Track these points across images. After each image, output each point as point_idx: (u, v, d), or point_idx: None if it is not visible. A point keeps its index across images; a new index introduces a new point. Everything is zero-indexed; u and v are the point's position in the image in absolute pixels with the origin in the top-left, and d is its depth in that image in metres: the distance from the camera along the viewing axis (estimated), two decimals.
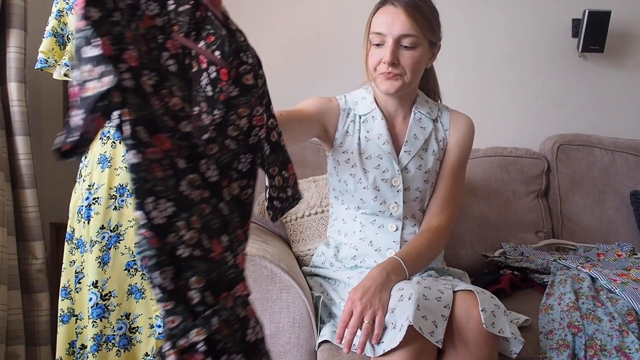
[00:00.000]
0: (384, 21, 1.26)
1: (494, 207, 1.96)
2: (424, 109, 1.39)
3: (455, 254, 1.85)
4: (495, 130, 2.34)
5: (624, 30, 2.38)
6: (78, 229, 1.35)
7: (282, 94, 2.28)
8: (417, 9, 1.26)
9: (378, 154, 1.34)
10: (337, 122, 1.37)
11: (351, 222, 1.38)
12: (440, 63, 2.44)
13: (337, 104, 1.38)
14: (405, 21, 1.24)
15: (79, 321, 1.34)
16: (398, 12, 1.25)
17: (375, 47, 1.29)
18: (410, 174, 1.34)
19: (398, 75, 1.27)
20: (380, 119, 1.35)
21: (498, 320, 1.07)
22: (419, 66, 1.29)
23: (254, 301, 1.23)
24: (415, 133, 1.36)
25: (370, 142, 1.35)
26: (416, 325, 1.02)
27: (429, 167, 1.36)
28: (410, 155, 1.35)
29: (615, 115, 2.39)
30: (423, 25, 1.26)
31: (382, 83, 1.29)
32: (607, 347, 1.20)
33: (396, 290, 1.13)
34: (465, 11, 2.33)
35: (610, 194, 1.99)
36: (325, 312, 1.29)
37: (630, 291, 1.33)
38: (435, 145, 1.38)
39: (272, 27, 2.28)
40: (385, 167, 1.33)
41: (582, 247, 1.86)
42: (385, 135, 1.34)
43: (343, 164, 1.36)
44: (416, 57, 1.27)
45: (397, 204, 1.33)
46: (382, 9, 1.29)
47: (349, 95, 1.41)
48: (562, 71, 2.37)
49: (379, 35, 1.27)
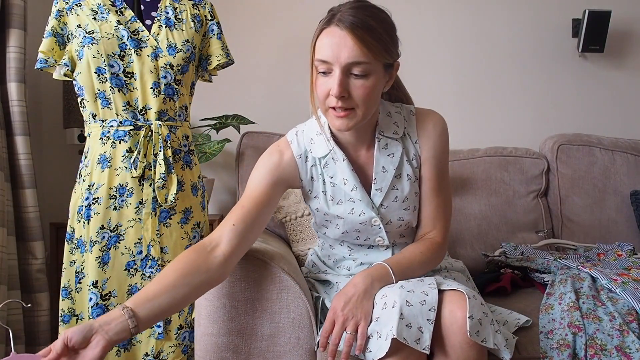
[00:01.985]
0: (328, 46, 1.07)
1: (494, 207, 1.96)
2: (388, 131, 1.22)
3: (455, 254, 1.85)
4: (495, 130, 2.35)
5: (624, 30, 2.38)
6: (78, 229, 1.35)
7: (281, 94, 2.29)
8: (366, 29, 1.06)
9: (349, 198, 1.21)
10: (298, 174, 1.22)
11: (338, 246, 1.33)
12: (440, 63, 2.44)
13: (291, 155, 1.22)
14: (353, 47, 1.05)
15: (80, 321, 1.34)
16: (344, 36, 1.05)
17: (321, 75, 1.09)
18: (388, 209, 1.22)
19: (350, 110, 1.09)
20: (341, 160, 1.20)
21: (483, 330, 1.04)
22: (374, 95, 1.10)
23: (253, 301, 1.23)
24: (384, 165, 1.21)
25: (336, 188, 1.22)
26: (400, 337, 0.99)
27: (406, 193, 1.23)
28: (383, 192, 1.21)
29: (615, 115, 2.39)
30: (375, 49, 1.06)
31: (334, 121, 1.11)
32: (607, 347, 1.20)
33: (380, 297, 1.09)
34: (465, 11, 2.34)
35: (610, 194, 1.99)
36: (325, 312, 1.29)
37: (630, 291, 1.33)
38: (409, 169, 1.23)
39: (272, 27, 2.28)
40: (359, 211, 1.21)
41: (582, 247, 1.86)
42: (351, 180, 1.20)
43: (315, 211, 1.27)
44: (369, 87, 1.08)
45: (381, 237, 1.26)
46: (326, 31, 1.09)
47: (301, 131, 1.24)
48: (562, 71, 2.37)
49: (324, 63, 1.07)
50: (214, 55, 1.47)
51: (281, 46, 2.28)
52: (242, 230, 1.11)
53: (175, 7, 1.43)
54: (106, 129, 1.34)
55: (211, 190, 2.06)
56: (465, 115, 2.35)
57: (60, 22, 1.36)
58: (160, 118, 1.36)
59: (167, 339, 1.35)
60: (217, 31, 1.48)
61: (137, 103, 1.34)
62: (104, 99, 1.33)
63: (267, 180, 1.19)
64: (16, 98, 1.65)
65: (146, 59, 1.34)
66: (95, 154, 1.34)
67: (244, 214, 1.13)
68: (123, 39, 1.33)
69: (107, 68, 1.32)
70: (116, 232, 1.33)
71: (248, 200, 1.16)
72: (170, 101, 1.37)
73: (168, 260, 1.35)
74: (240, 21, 2.27)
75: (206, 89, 2.06)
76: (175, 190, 1.34)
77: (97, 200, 1.32)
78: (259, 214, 1.15)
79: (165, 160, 1.34)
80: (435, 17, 2.32)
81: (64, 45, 1.37)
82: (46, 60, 1.36)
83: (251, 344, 1.23)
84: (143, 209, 1.33)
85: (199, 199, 1.44)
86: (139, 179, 1.33)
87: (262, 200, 1.16)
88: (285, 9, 2.28)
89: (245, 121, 1.99)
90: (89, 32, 1.32)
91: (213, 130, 2.05)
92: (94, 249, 1.31)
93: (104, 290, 1.31)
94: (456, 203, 1.94)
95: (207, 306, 1.25)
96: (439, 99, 2.33)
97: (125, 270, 1.33)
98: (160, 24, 1.39)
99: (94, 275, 1.31)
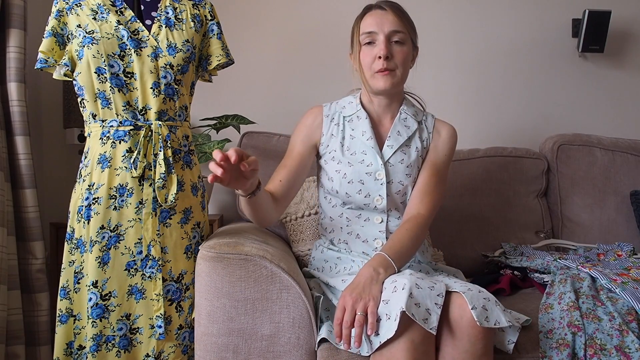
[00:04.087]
0: (373, 22, 1.38)
1: (494, 207, 1.96)
2: (410, 110, 1.48)
3: (455, 254, 1.85)
4: (495, 130, 2.35)
5: (624, 30, 2.38)
6: (78, 229, 1.35)
7: (281, 94, 2.29)
8: (402, 11, 1.41)
9: (362, 150, 1.41)
10: (322, 130, 1.47)
11: (338, 218, 1.44)
12: (440, 63, 2.44)
13: (321, 115, 1.48)
14: (394, 19, 1.37)
15: (78, 321, 1.34)
16: (386, 13, 1.38)
17: (366, 46, 1.38)
18: (393, 167, 1.40)
19: (392, 70, 1.36)
20: (364, 118, 1.44)
21: (491, 313, 1.09)
22: (407, 62, 1.41)
23: (254, 301, 1.23)
24: (399, 130, 1.44)
25: (355, 140, 1.43)
26: (408, 312, 1.03)
27: (411, 161, 1.42)
28: (393, 149, 1.41)
29: (615, 115, 2.39)
30: (408, 25, 1.40)
31: (379, 80, 1.37)
32: (607, 347, 1.20)
33: (389, 282, 1.15)
34: (465, 11, 2.34)
35: (610, 194, 1.99)
36: (324, 312, 1.29)
37: (630, 291, 1.34)
38: (419, 143, 1.45)
39: (272, 27, 2.28)
40: (369, 161, 1.40)
41: (582, 247, 1.86)
42: (368, 132, 1.42)
43: (330, 162, 1.43)
44: (406, 53, 1.39)
45: (380, 196, 1.38)
46: (369, 13, 1.40)
47: (336, 102, 1.50)
48: (562, 71, 2.37)
49: (370, 34, 1.37)
50: (214, 55, 1.47)
51: (281, 46, 2.28)
52: (286, 185, 1.41)
53: (175, 7, 1.43)
54: (106, 129, 1.34)
55: (211, 190, 2.07)
56: (466, 115, 2.35)
57: (60, 22, 1.36)
58: (160, 118, 1.36)
59: (168, 339, 1.35)
60: (217, 31, 1.48)
61: (137, 103, 1.34)
62: (104, 99, 1.33)
63: (302, 138, 1.46)
64: (16, 98, 1.65)
65: (146, 59, 1.34)
66: (95, 154, 1.34)
67: (287, 172, 1.42)
68: (123, 39, 1.33)
69: (107, 68, 1.32)
70: (116, 232, 1.33)
71: (289, 160, 1.44)
72: (170, 101, 1.38)
73: (168, 260, 1.35)
74: (240, 21, 2.27)
75: (206, 89, 2.06)
76: (176, 190, 1.34)
77: (97, 200, 1.32)
78: (297, 171, 1.43)
79: (165, 160, 1.34)
80: (435, 17, 2.32)
81: (64, 45, 1.37)
82: (46, 60, 1.36)
83: (251, 344, 1.23)
84: (143, 209, 1.33)
85: (199, 199, 1.44)
86: (139, 179, 1.33)
87: (298, 157, 1.44)
88: (285, 9, 2.28)
89: (245, 121, 1.99)
90: (89, 32, 1.32)
91: (213, 130, 2.05)
92: (94, 249, 1.31)
93: (104, 290, 1.31)
94: (456, 203, 1.94)
95: (207, 306, 1.25)
96: (439, 99, 2.33)
97: (125, 270, 1.33)
98: (160, 24, 1.39)
99: (94, 275, 1.31)
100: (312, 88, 2.29)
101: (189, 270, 1.38)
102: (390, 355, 1.06)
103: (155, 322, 1.33)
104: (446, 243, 1.83)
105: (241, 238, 1.36)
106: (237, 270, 1.23)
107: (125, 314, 1.33)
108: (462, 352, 1.09)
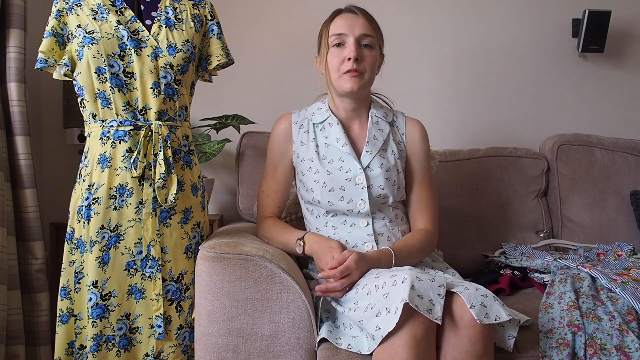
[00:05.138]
0: (344, 24, 1.39)
1: (494, 207, 1.96)
2: (379, 113, 1.49)
3: (455, 254, 1.85)
4: (495, 130, 2.35)
5: (624, 30, 2.38)
6: (78, 229, 1.35)
7: (281, 94, 2.29)
8: (371, 16, 1.43)
9: (339, 157, 1.42)
10: (292, 139, 1.48)
11: (324, 228, 1.44)
12: (440, 63, 2.45)
13: (289, 123, 1.50)
14: (364, 23, 1.39)
15: (78, 321, 1.34)
16: (357, 17, 1.40)
17: (334, 48, 1.40)
18: (372, 172, 1.41)
19: (361, 73, 1.38)
20: (336, 124, 1.46)
21: (490, 309, 1.08)
22: (375, 67, 1.43)
23: (254, 301, 1.23)
24: (375, 134, 1.46)
25: (330, 147, 1.44)
26: (412, 303, 1.03)
27: (390, 165, 1.43)
28: (372, 154, 1.43)
29: (615, 115, 2.39)
30: (377, 30, 1.43)
31: (347, 82, 1.38)
32: (606, 346, 1.20)
33: (389, 276, 1.14)
34: (465, 11, 2.34)
35: (610, 194, 1.99)
36: (324, 313, 1.29)
37: (630, 290, 1.34)
38: (394, 146, 1.46)
39: (272, 27, 2.28)
40: (347, 167, 1.41)
41: (582, 247, 1.86)
42: (342, 138, 1.43)
43: (307, 173, 1.44)
44: (374, 57, 1.41)
45: (363, 200, 1.39)
46: (340, 16, 1.42)
47: (305, 109, 1.53)
48: (562, 71, 2.37)
49: (339, 36, 1.39)
50: (214, 55, 1.47)
51: (281, 46, 2.28)
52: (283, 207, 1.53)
53: (175, 7, 1.43)
54: (106, 129, 1.34)
55: (211, 190, 2.07)
56: (466, 115, 2.35)
57: (60, 22, 1.36)
58: (160, 118, 1.36)
59: (168, 339, 1.35)
60: (217, 31, 1.48)
61: (137, 103, 1.34)
62: (104, 99, 1.33)
63: (278, 155, 1.50)
64: (16, 98, 1.65)
65: (146, 59, 1.34)
66: (95, 153, 1.34)
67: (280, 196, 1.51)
68: (123, 39, 1.33)
69: (107, 68, 1.32)
70: (116, 232, 1.33)
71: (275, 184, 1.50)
72: (170, 101, 1.38)
73: (168, 260, 1.35)
74: (240, 21, 2.27)
75: (206, 89, 2.06)
76: (175, 190, 1.34)
77: (97, 200, 1.32)
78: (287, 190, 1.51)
79: (165, 160, 1.34)
80: (435, 17, 2.32)
81: (64, 45, 1.37)
82: (46, 60, 1.36)
83: (251, 344, 1.23)
84: (143, 209, 1.33)
85: (199, 199, 1.44)
86: (139, 179, 1.33)
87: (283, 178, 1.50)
88: (285, 9, 2.28)
89: (245, 121, 1.99)
90: (89, 32, 1.32)
91: (213, 130, 2.05)
92: (94, 249, 1.31)
93: (104, 290, 1.31)
94: (456, 203, 1.94)
95: (207, 306, 1.25)
96: (439, 99, 2.33)
97: (125, 270, 1.33)
98: (160, 24, 1.39)
99: (94, 275, 1.31)
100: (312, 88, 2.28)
101: (189, 270, 1.38)
102: (392, 351, 1.06)
103: (155, 321, 1.33)
104: (446, 243, 1.83)
105: (241, 238, 1.36)
106: (237, 270, 1.23)
107: (125, 313, 1.33)
108: (462, 352, 1.09)
